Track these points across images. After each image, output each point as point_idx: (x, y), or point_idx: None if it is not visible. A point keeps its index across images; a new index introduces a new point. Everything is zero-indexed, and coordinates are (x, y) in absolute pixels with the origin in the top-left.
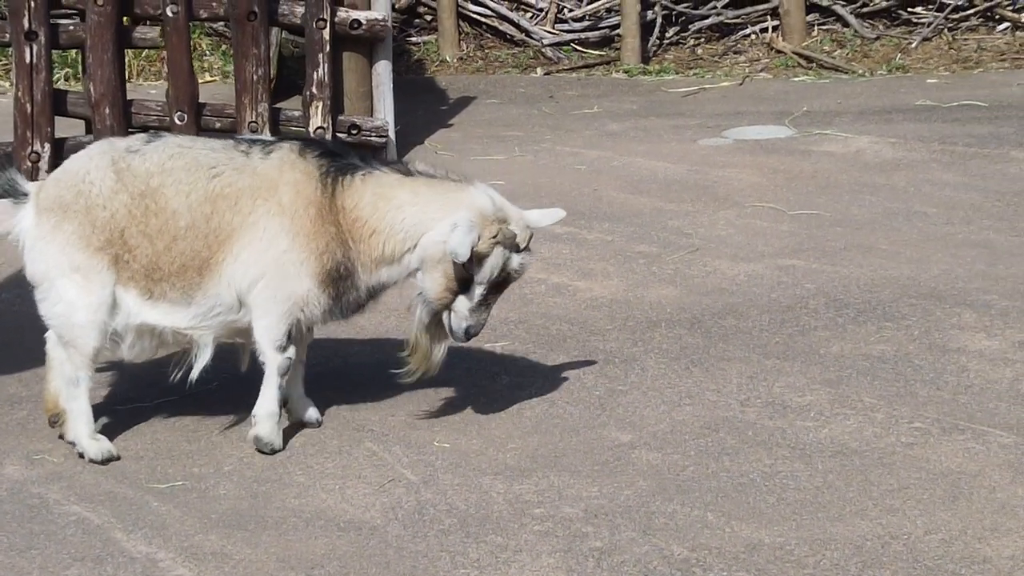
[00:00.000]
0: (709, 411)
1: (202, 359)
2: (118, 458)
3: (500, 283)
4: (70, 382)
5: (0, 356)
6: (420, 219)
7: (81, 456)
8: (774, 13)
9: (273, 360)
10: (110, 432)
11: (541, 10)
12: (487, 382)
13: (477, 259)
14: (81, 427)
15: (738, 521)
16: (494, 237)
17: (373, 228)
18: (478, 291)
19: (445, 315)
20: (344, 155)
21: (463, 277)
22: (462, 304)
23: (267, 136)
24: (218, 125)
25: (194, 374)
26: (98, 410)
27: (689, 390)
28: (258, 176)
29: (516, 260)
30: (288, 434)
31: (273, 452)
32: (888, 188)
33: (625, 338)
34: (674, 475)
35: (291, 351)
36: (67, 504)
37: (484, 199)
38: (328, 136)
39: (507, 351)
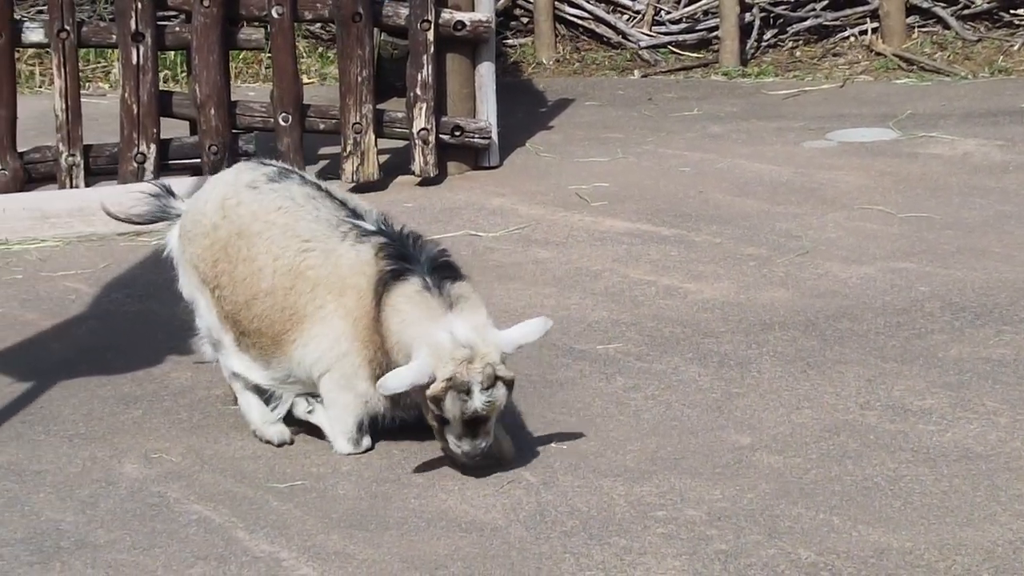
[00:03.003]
0: (829, 414)
1: (283, 409)
2: (292, 442)
3: (474, 420)
4: (230, 377)
5: (112, 356)
6: (410, 340)
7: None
8: (873, 15)
9: (343, 451)
10: (228, 433)
11: (638, 12)
12: (602, 384)
13: (434, 401)
14: (253, 414)
15: (865, 525)
16: (448, 381)
17: (394, 341)
18: (453, 427)
19: None
20: (407, 256)
21: (434, 413)
22: (447, 434)
23: (372, 218)
24: (322, 127)
25: (279, 415)
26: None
27: (807, 393)
28: (337, 269)
29: (479, 401)
30: (402, 436)
31: (369, 449)
32: (999, 191)
33: (739, 340)
34: (797, 478)
35: (366, 442)
36: (187, 503)
37: (443, 336)
38: (431, 137)
39: (620, 353)
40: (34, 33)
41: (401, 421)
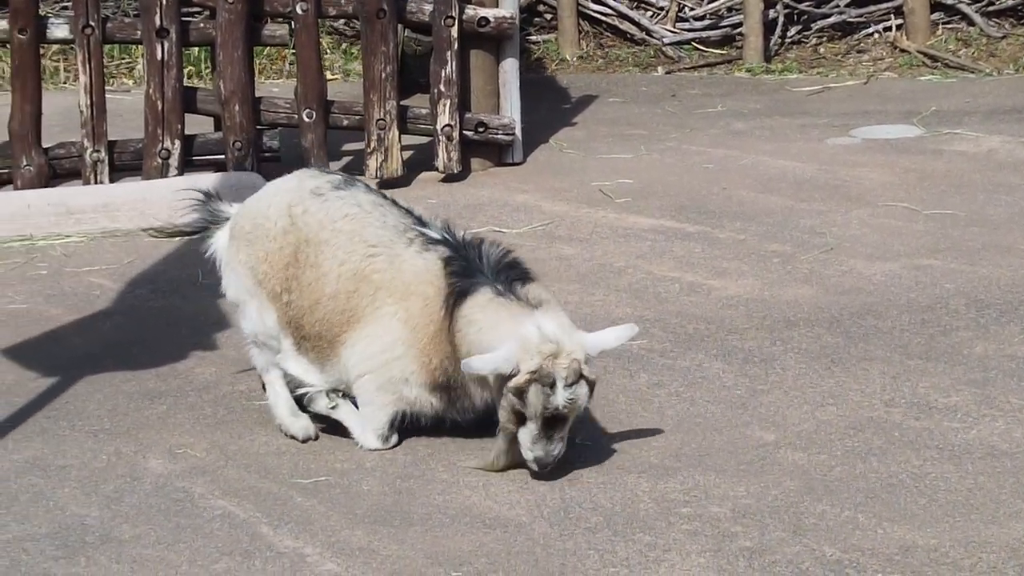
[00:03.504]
0: (853, 411)
1: (301, 390)
2: (316, 438)
3: (553, 418)
4: (263, 368)
5: (137, 351)
6: (489, 344)
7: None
8: (898, 12)
9: (371, 447)
10: (252, 428)
11: (662, 9)
12: (625, 380)
13: (518, 393)
14: (280, 408)
15: (890, 522)
16: (532, 373)
17: (467, 349)
18: (531, 425)
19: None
20: (472, 269)
21: (515, 409)
22: (523, 435)
23: (437, 226)
24: (346, 123)
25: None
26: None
27: (832, 390)
28: (401, 274)
29: (561, 397)
30: (427, 433)
31: (395, 446)
32: None
33: (763, 337)
34: (821, 475)
35: (394, 439)
36: (212, 498)
37: (531, 330)
38: (455, 134)
39: (644, 349)
40: (59, 29)
41: (452, 423)
